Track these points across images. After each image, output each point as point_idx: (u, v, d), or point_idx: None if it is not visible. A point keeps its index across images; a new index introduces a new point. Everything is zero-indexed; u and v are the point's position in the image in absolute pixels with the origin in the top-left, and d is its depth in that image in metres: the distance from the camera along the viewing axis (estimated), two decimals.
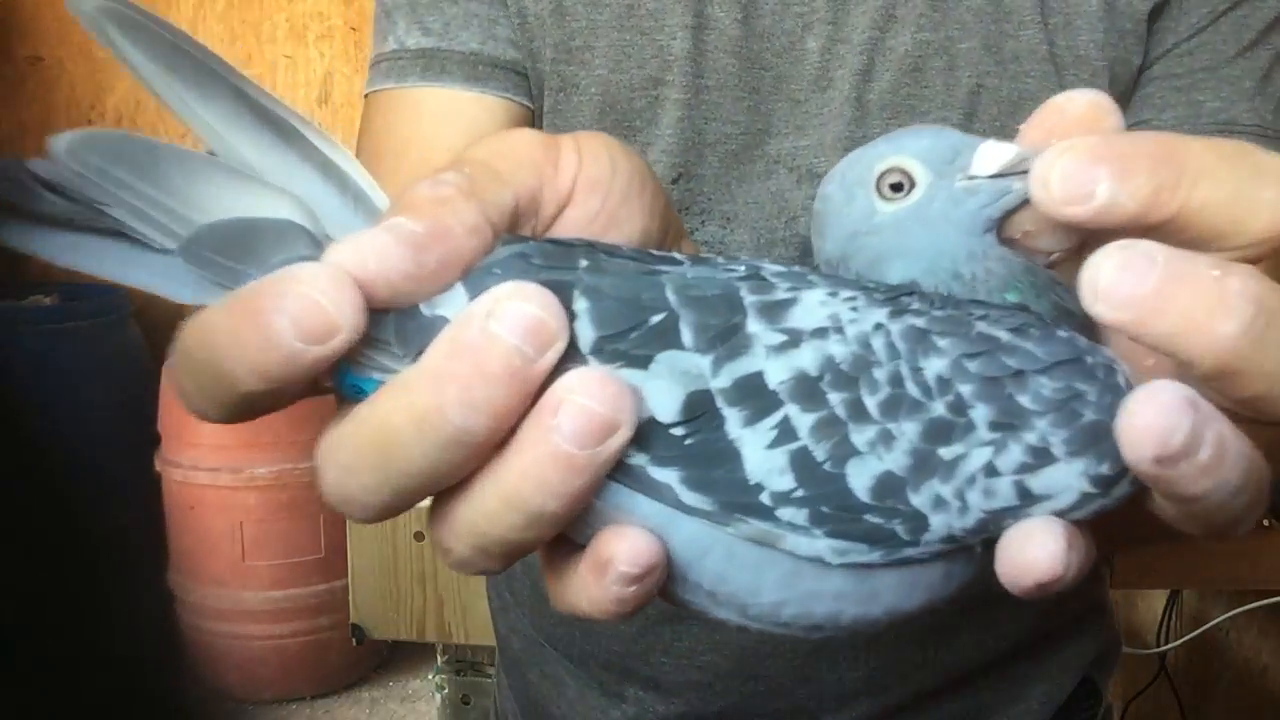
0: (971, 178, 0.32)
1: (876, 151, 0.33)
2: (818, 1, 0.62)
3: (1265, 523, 1.68)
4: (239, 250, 0.28)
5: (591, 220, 0.33)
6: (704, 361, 0.28)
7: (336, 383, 0.29)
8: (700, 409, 0.28)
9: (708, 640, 0.68)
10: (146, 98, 2.95)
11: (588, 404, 0.27)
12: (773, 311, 0.29)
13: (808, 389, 0.29)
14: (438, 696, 1.99)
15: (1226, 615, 1.93)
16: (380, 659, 2.68)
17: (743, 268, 0.30)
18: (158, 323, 2.92)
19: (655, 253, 0.32)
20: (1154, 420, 0.27)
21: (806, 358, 0.29)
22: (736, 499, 0.29)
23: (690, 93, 0.62)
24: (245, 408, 0.29)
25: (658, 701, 0.70)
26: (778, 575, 0.30)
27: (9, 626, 0.21)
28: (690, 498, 0.29)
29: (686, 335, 0.29)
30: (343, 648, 2.41)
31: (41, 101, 2.97)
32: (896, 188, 0.32)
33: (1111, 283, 0.27)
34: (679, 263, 0.31)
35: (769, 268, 0.31)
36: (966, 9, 0.62)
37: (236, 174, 0.29)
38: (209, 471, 2.44)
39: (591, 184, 0.33)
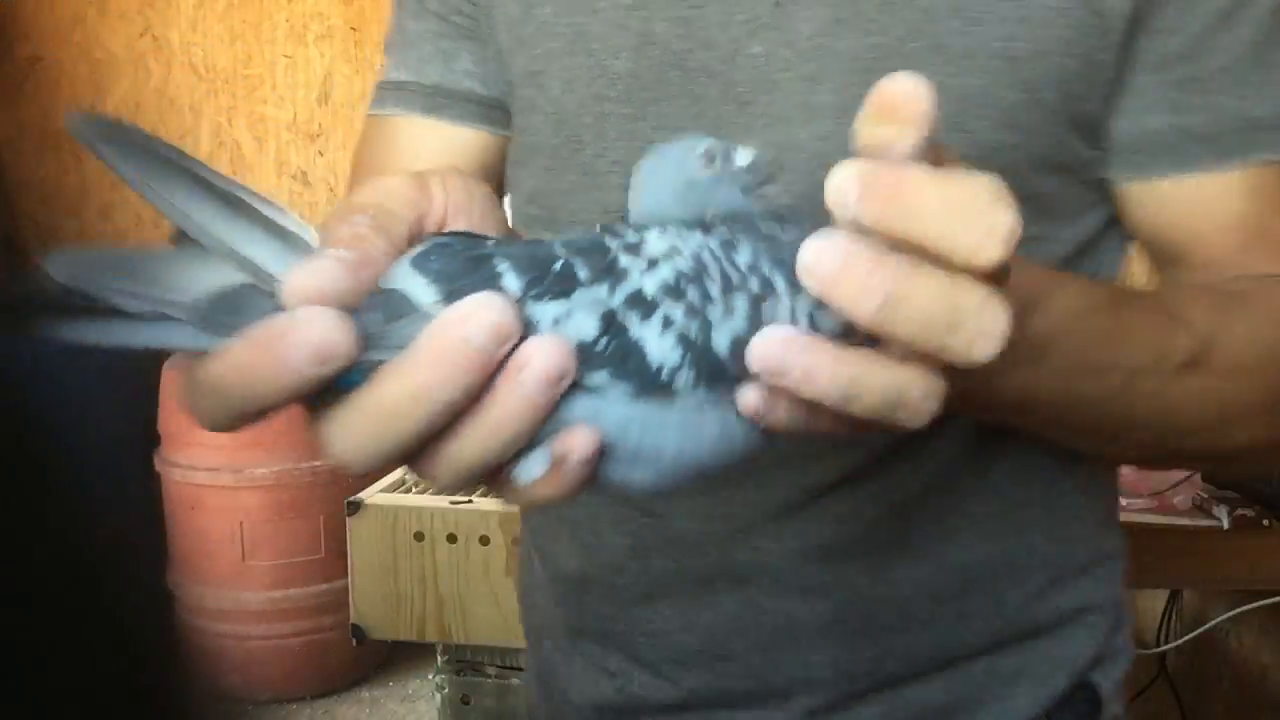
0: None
1: (688, 144, 0.45)
2: (760, 8, 0.64)
3: (1265, 522, 1.68)
4: (228, 311, 0.37)
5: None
6: (602, 290, 0.38)
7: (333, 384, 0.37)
8: (610, 322, 0.38)
9: (678, 620, 0.71)
10: (146, 98, 2.96)
11: (546, 365, 0.36)
12: (632, 248, 0.40)
13: (673, 291, 0.39)
14: (438, 696, 2.00)
15: (1226, 615, 1.93)
16: (380, 659, 2.68)
17: (593, 230, 0.41)
18: None
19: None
20: (764, 349, 0.37)
21: (665, 272, 0.39)
22: (647, 380, 0.38)
23: (635, 106, 0.67)
24: (255, 419, 0.37)
25: (640, 675, 0.74)
26: (675, 432, 0.39)
27: (9, 626, 0.21)
28: (616, 388, 0.38)
29: (582, 274, 0.38)
30: (343, 648, 2.41)
31: (41, 101, 2.97)
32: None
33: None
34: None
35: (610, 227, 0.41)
36: (916, 9, 0.62)
37: (195, 256, 0.38)
38: (209, 471, 2.44)
39: (457, 209, 0.42)
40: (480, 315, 0.36)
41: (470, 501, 1.92)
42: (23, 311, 0.37)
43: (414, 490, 2.02)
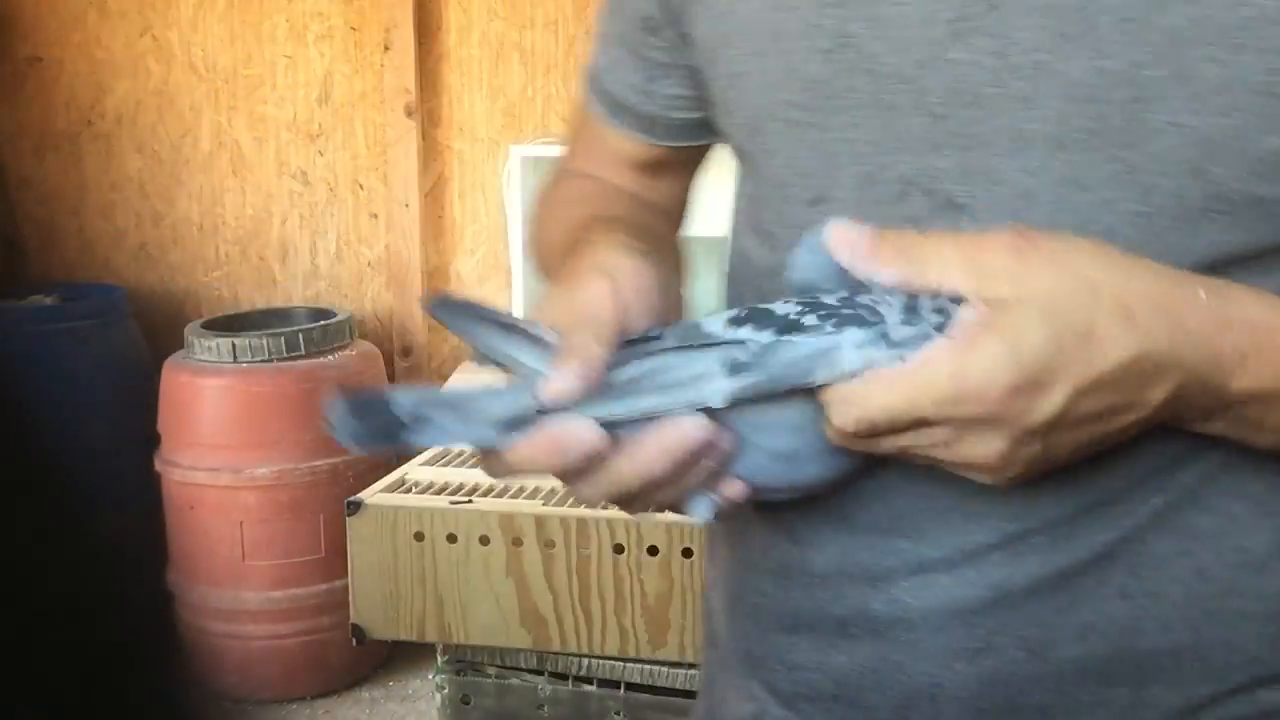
0: None
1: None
2: (972, 7, 0.57)
3: None
4: (518, 424, 0.56)
5: (647, 311, 0.60)
6: (768, 330, 0.57)
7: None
8: (786, 323, 0.56)
9: (814, 657, 0.67)
10: (146, 98, 2.96)
11: (721, 449, 0.56)
12: (766, 310, 0.57)
13: (810, 311, 0.56)
14: (438, 696, 1.99)
15: None
16: (380, 659, 2.68)
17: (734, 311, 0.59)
18: (157, 323, 2.92)
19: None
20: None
21: (799, 306, 0.57)
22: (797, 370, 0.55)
23: (821, 115, 0.62)
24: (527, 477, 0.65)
25: (774, 707, 0.70)
26: (812, 442, 0.57)
27: (9, 626, 0.21)
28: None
29: (751, 316, 0.57)
30: (343, 648, 2.41)
31: (41, 101, 2.97)
32: None
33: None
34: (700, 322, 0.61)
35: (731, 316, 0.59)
36: (1159, 31, 0.53)
37: (489, 387, 0.57)
38: (209, 471, 2.44)
39: (635, 291, 0.59)
40: (687, 432, 0.54)
41: (470, 501, 1.92)
42: (388, 429, 0.56)
43: (414, 490, 2.02)
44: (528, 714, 1.96)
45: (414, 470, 2.14)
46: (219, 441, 2.43)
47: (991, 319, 0.51)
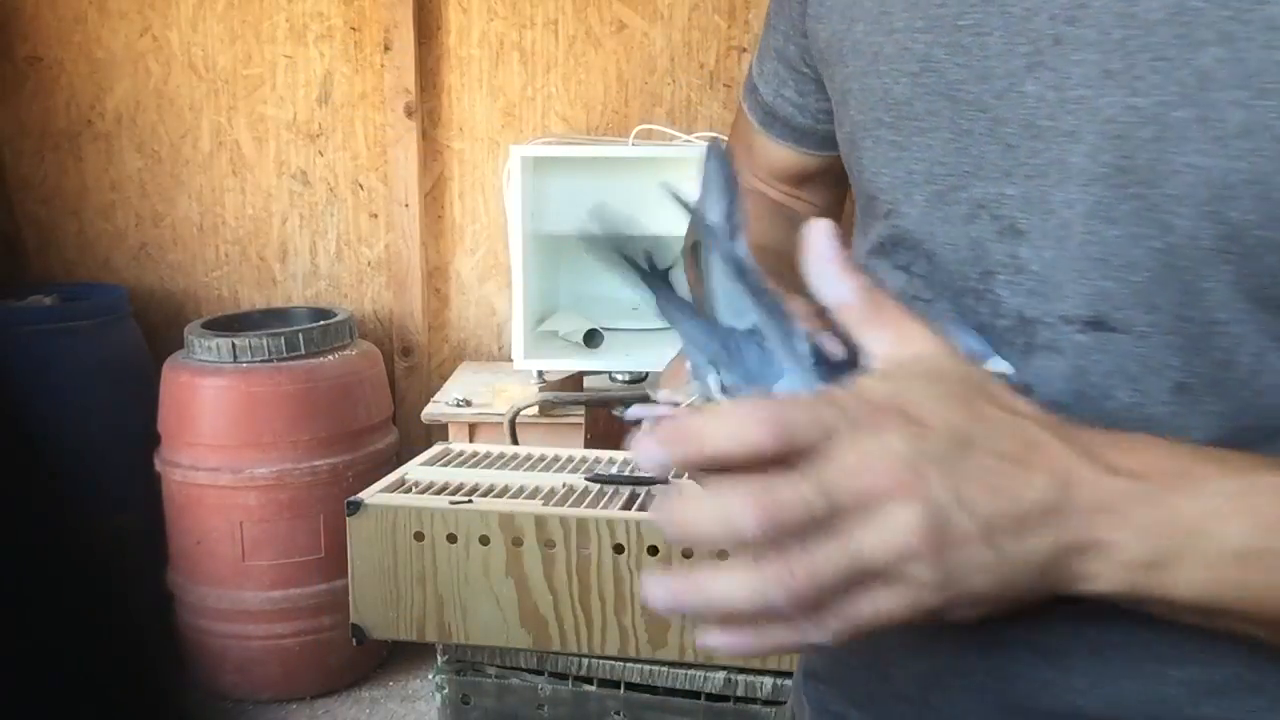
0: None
1: None
2: (1043, 41, 0.59)
3: None
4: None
5: None
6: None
7: None
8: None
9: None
10: (146, 97, 2.96)
11: None
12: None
13: None
14: (438, 696, 1.99)
15: None
16: (380, 659, 2.68)
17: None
18: (157, 323, 2.92)
19: None
20: None
21: None
22: None
23: (903, 135, 0.66)
24: None
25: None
26: None
27: (9, 625, 0.21)
28: None
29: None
30: (343, 648, 2.41)
31: (41, 101, 2.97)
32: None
33: None
34: None
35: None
36: (1190, 71, 0.54)
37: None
38: (209, 471, 2.44)
39: None
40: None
41: (470, 501, 1.92)
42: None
43: (414, 490, 2.02)
44: (528, 714, 1.96)
45: (414, 470, 2.14)
46: (219, 441, 2.43)
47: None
